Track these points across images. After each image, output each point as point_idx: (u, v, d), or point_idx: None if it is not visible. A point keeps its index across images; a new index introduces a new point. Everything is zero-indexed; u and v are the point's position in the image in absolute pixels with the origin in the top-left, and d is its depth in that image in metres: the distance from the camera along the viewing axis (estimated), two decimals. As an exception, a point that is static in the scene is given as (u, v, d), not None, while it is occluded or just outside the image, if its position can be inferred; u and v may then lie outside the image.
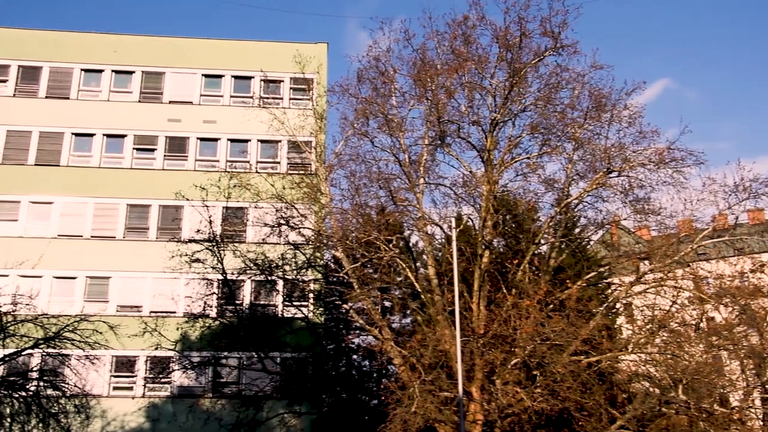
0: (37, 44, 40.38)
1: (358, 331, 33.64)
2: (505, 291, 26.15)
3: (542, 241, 28.11)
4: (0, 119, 38.44)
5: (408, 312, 32.97)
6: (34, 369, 26.63)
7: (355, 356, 35.25)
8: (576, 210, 29.02)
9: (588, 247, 31.22)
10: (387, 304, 33.25)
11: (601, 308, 26.37)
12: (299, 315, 31.08)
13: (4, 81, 39.56)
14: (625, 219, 28.44)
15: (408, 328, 33.26)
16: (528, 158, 28.53)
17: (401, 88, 29.93)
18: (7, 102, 39.11)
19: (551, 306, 25.26)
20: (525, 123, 28.61)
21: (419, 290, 27.35)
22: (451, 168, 39.58)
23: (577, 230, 30.04)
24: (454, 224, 25.39)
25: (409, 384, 24.41)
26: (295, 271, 29.09)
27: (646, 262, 28.38)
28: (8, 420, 22.93)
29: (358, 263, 27.45)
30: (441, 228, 28.61)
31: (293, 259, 28.91)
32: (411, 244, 30.63)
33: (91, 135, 38.82)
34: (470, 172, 28.50)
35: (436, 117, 27.87)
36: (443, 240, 29.32)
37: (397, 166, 28.97)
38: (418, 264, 29.74)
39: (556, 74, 27.97)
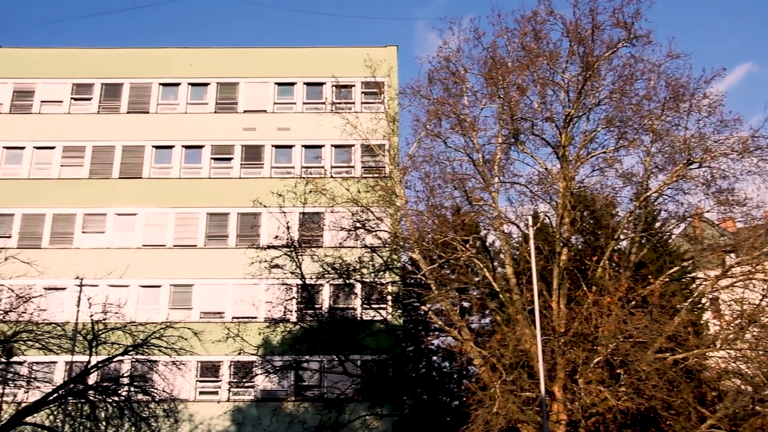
0: (118, 62, 41.79)
1: (437, 333, 33.62)
2: (585, 288, 25.73)
3: (622, 237, 27.57)
4: (86, 136, 39.95)
5: (487, 312, 32.78)
6: (125, 375, 27.55)
7: (434, 357, 35.23)
8: (656, 203, 28.36)
9: (670, 241, 30.43)
10: (465, 304, 33.13)
11: (686, 304, 25.67)
12: (378, 317, 31.25)
13: (89, 99, 41.07)
14: (708, 211, 27.66)
15: (487, 328, 33.08)
16: (604, 153, 28.05)
17: (473, 87, 29.81)
18: (92, 119, 40.61)
19: (633, 303, 24.73)
20: (600, 117, 28.15)
21: (497, 290, 27.16)
22: (526, 166, 39.35)
23: (657, 224, 29.32)
24: (530, 222, 25.14)
25: (490, 384, 24.26)
26: (372, 274, 29.25)
27: (733, 255, 27.49)
28: (103, 423, 23.77)
29: (435, 264, 27.43)
30: (518, 226, 28.37)
31: (370, 262, 29.09)
32: (488, 244, 30.46)
33: (171, 147, 39.94)
34: (545, 169, 28.19)
35: (508, 115, 27.64)
36: (520, 238, 29.05)
37: (471, 165, 28.85)
38: (495, 263, 29.56)
39: (630, 66, 27.44)
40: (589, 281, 26.16)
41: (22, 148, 40.00)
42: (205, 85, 41.34)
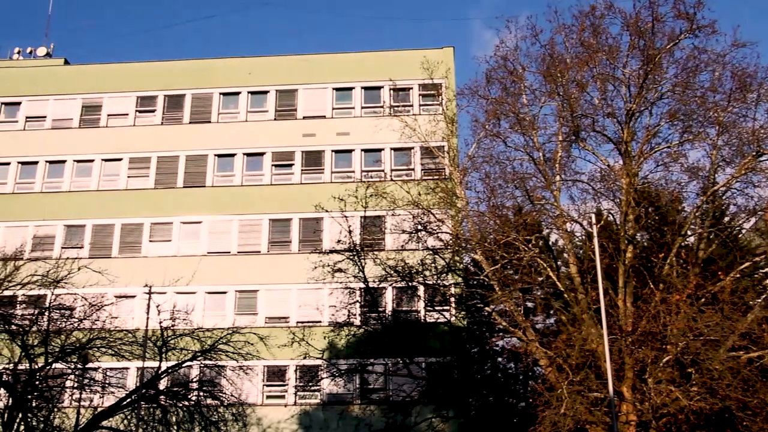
0: (180, 74, 42.72)
1: (501, 334, 33.38)
2: (652, 286, 25.23)
3: (689, 233, 26.95)
4: (150, 147, 40.94)
5: (551, 312, 32.40)
6: (194, 380, 28.08)
7: (499, 359, 34.99)
8: (724, 198, 27.66)
9: (740, 236, 29.61)
10: (529, 304, 32.82)
11: (759, 300, 24.91)
12: (441, 320, 31.16)
13: (153, 111, 42.09)
14: (780, 204, 26.82)
15: (552, 329, 32.71)
16: (668, 147, 27.47)
17: (531, 85, 29.55)
18: (156, 130, 41.60)
19: (703, 300, 24.15)
20: (663, 111, 27.57)
21: (562, 289, 26.82)
22: (588, 163, 38.81)
23: (726, 219, 28.59)
24: (594, 220, 24.77)
25: (556, 385, 23.98)
26: (435, 276, 29.20)
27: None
28: (174, 427, 24.28)
29: (497, 265, 27.26)
30: (581, 225, 27.98)
31: (433, 264, 29.04)
32: (551, 243, 30.12)
33: (232, 155, 40.61)
34: (608, 165, 27.75)
35: (568, 112, 27.32)
36: (584, 237, 28.65)
37: (531, 164, 28.57)
38: (559, 263, 29.20)
39: (693, 57, 26.80)
40: (656, 279, 25.63)
41: (91, 161, 41.21)
42: (265, 92, 41.93)
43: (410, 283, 29.80)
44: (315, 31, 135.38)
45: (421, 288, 31.14)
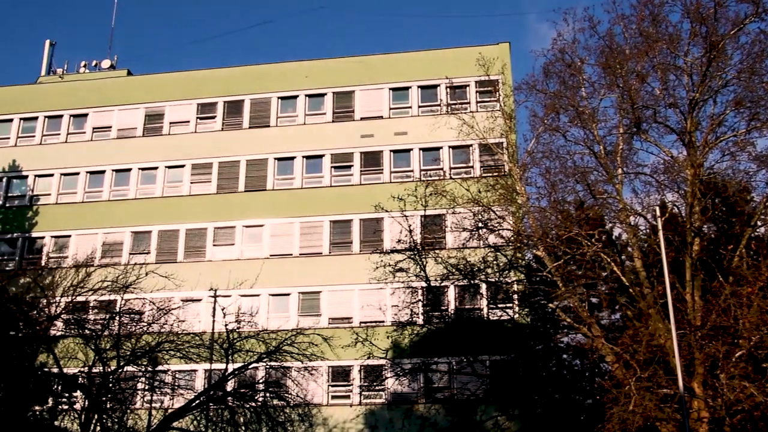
0: (238, 80, 43.40)
1: (566, 330, 32.94)
2: (721, 279, 24.60)
3: (759, 223, 26.19)
4: (212, 153, 41.68)
5: (617, 307, 31.85)
6: (260, 381, 28.43)
7: (564, 355, 34.51)
8: (796, 186, 26.81)
9: (814, 224, 28.63)
10: (594, 300, 32.32)
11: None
12: (505, 317, 30.96)
13: (213, 117, 42.84)
14: None
15: (618, 324, 32.16)
16: (735, 136, 26.74)
17: (590, 78, 29.13)
18: (217, 136, 42.32)
19: (776, 292, 23.43)
20: (728, 99, 26.84)
21: (627, 284, 26.36)
22: (650, 155, 37.89)
23: (799, 207, 27.66)
24: (658, 213, 24.27)
25: (624, 382, 23.55)
26: (497, 274, 29.00)
27: None
28: (242, 428, 24.62)
29: (560, 261, 26.93)
30: (645, 218, 27.45)
31: (494, 262, 28.85)
32: (614, 237, 29.61)
33: (292, 158, 41.05)
34: (671, 157, 27.17)
35: (629, 104, 26.83)
36: (648, 230, 28.10)
37: (592, 158, 28.17)
38: (623, 257, 28.70)
39: (759, 42, 26.01)
40: (725, 271, 24.98)
41: (155, 168, 42.17)
42: (322, 95, 42.28)
43: (472, 281, 29.64)
44: (370, 33, 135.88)
45: (484, 286, 30.95)
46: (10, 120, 45.04)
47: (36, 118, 44.77)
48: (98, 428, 23.66)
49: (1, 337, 24.72)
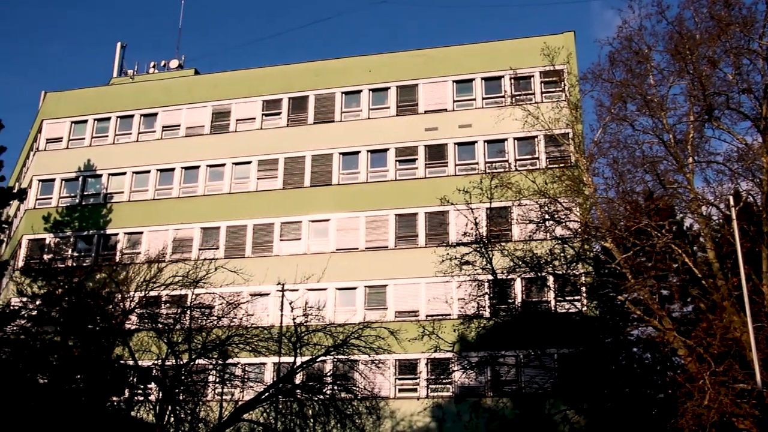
0: (302, 76, 43.81)
1: (636, 323, 32.35)
2: (799, 270, 23.80)
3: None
4: (277, 149, 42.22)
5: (689, 299, 31.13)
6: (328, 374, 28.69)
7: (635, 349, 33.89)
8: None
9: None
10: (665, 292, 31.65)
11: None
12: (573, 309, 30.54)
13: (278, 113, 43.37)
14: None
15: (690, 317, 31.43)
16: (814, 121, 25.78)
17: (658, 65, 28.48)
18: (282, 132, 42.84)
19: None
20: (807, 82, 25.88)
21: (699, 276, 25.71)
22: (723, 142, 36.91)
23: None
24: (732, 202, 23.61)
25: (697, 376, 23.00)
26: (564, 266, 28.62)
27: None
28: (311, 420, 24.89)
29: (629, 252, 26.42)
30: (717, 208, 26.75)
31: (562, 254, 28.47)
32: (685, 228, 28.95)
33: (356, 153, 41.27)
34: (745, 144, 26.37)
35: (700, 90, 26.13)
36: (721, 220, 27.35)
37: (661, 147, 27.55)
38: (695, 248, 28.01)
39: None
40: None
41: (223, 165, 42.94)
42: (386, 89, 42.36)
43: (539, 274, 29.31)
44: (432, 26, 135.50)
45: (551, 278, 30.58)
46: (85, 121, 46.47)
47: (109, 119, 46.08)
48: (172, 419, 24.23)
49: (80, 331, 25.56)
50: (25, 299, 29.07)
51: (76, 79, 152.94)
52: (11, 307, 30.93)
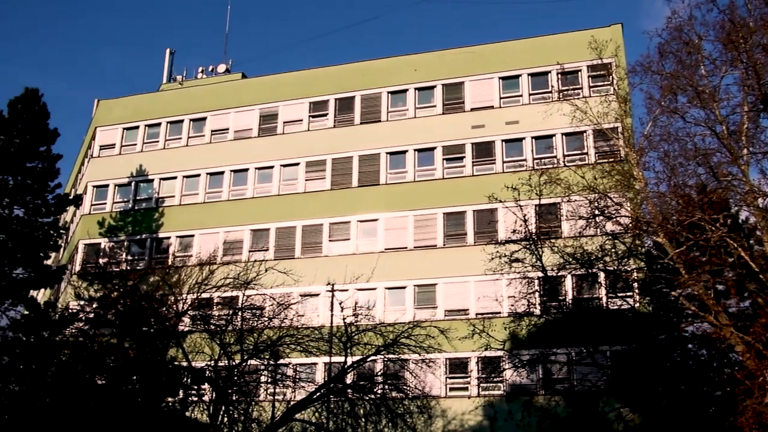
0: (348, 77, 44.00)
1: (690, 319, 31.70)
2: None
3: None
4: (325, 150, 42.48)
5: (745, 294, 30.37)
6: (379, 374, 28.75)
7: (690, 345, 33.24)
8: None
9: None
10: (720, 287, 30.92)
11: None
12: (625, 306, 30.09)
13: (325, 114, 43.63)
14: None
15: (748, 312, 30.65)
16: None
17: (710, 55, 27.78)
18: (329, 133, 43.08)
19: None
20: None
21: (756, 270, 25.05)
22: (780, 133, 35.92)
23: None
24: (790, 194, 22.96)
25: (757, 373, 22.42)
26: (616, 262, 28.19)
27: None
28: (362, 420, 24.98)
29: (682, 247, 25.88)
30: (774, 200, 25.99)
31: (613, 250, 28.05)
32: (741, 221, 28.25)
33: (404, 152, 41.29)
34: (803, 133, 25.62)
35: (754, 80, 25.45)
36: (779, 212, 26.60)
37: (714, 139, 26.86)
38: (751, 241, 27.31)
39: None
40: None
41: (271, 167, 43.37)
42: (432, 88, 42.31)
43: (590, 270, 28.93)
44: (477, 23, 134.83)
45: (602, 274, 30.16)
46: (137, 127, 47.38)
47: (159, 124, 46.90)
48: (225, 419, 24.56)
49: (135, 333, 26.07)
50: (82, 302, 29.76)
51: (127, 86, 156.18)
52: (70, 311, 31.72)
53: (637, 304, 30.04)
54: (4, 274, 35.23)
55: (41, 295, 50.30)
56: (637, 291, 30.21)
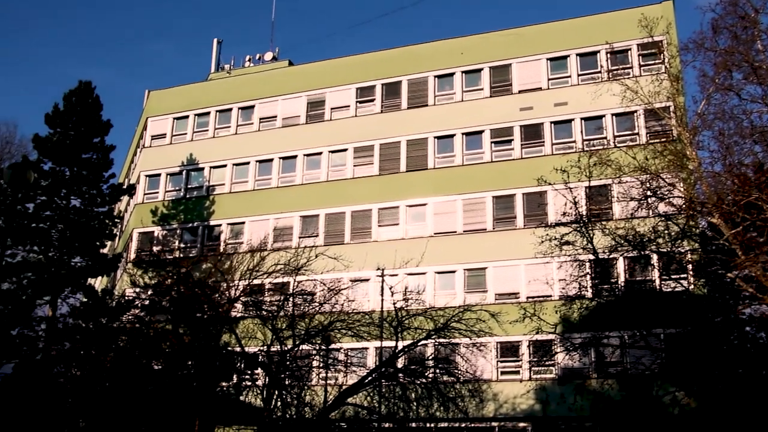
0: (394, 62, 43.89)
1: (748, 301, 31.05)
2: None
3: None
4: (372, 135, 42.50)
5: (807, 275, 29.59)
6: (430, 358, 28.80)
7: (747, 327, 32.56)
8: None
9: None
10: (779, 268, 30.19)
11: None
12: (679, 288, 29.58)
13: (372, 100, 43.63)
14: None
15: (809, 293, 29.87)
16: None
17: (767, 29, 27.04)
18: (376, 119, 43.09)
19: None
20: None
21: (816, 249, 24.42)
22: (841, 108, 34.70)
23: None
24: None
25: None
26: (669, 243, 27.71)
27: None
28: (414, 404, 25.09)
29: (739, 227, 25.33)
30: (835, 177, 25.22)
31: (666, 231, 27.58)
32: (800, 199, 27.46)
33: (451, 136, 41.11)
34: None
35: (814, 54, 24.73)
36: (840, 190, 25.82)
37: (771, 116, 26.20)
38: (812, 221, 26.56)
39: None
40: None
41: (319, 153, 43.58)
42: (479, 70, 41.99)
43: (643, 252, 28.50)
44: (523, 3, 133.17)
45: (655, 256, 29.69)
46: (186, 117, 48.03)
47: (208, 113, 47.46)
48: (278, 403, 24.88)
49: (189, 320, 26.55)
50: (138, 289, 30.41)
51: (176, 76, 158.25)
52: (126, 298, 32.46)
53: (692, 286, 29.51)
54: (63, 262, 36.24)
55: (98, 283, 51.52)
56: (691, 273, 29.67)
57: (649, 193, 27.52)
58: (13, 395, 31.29)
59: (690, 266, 29.46)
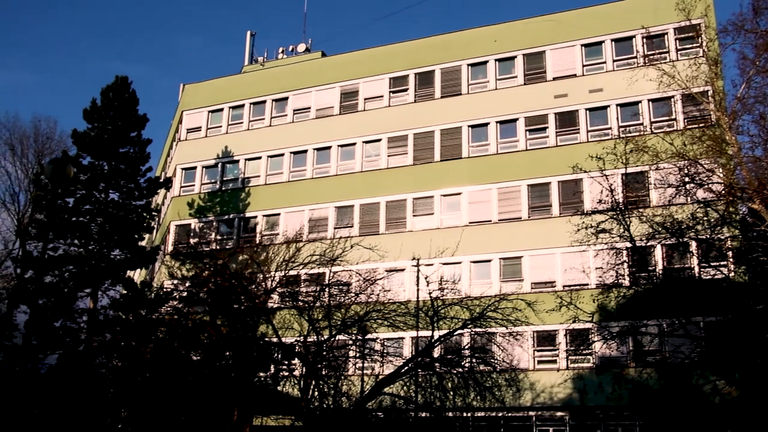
0: (427, 51, 43.74)
1: (790, 288, 30.51)
2: None
3: None
4: (406, 125, 42.44)
5: None
6: (466, 347, 28.75)
7: (791, 315, 32.01)
8: None
9: None
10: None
11: None
12: (719, 275, 29.13)
13: (405, 90, 43.54)
14: None
15: None
16: None
17: (813, 9, 26.45)
18: (410, 108, 43.01)
19: None
20: None
21: None
22: None
23: None
24: None
25: None
26: (708, 230, 27.29)
27: None
28: (450, 393, 25.09)
29: (781, 213, 24.89)
30: None
31: (705, 218, 27.16)
32: None
33: (485, 124, 40.89)
34: None
35: None
36: None
37: (816, 98, 25.65)
38: None
39: None
40: None
41: (353, 144, 43.65)
42: (512, 58, 41.68)
43: (681, 240, 28.08)
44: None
45: (694, 244, 29.27)
46: (221, 109, 48.38)
47: (242, 106, 47.76)
48: (316, 393, 25.04)
49: (226, 311, 26.80)
50: (176, 281, 30.78)
51: (210, 69, 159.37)
52: (164, 290, 32.87)
53: (732, 274, 29.03)
54: (103, 255, 36.81)
55: (137, 275, 52.28)
56: (731, 260, 29.18)
57: (687, 179, 27.10)
58: (58, 385, 31.96)
59: (730, 253, 28.99)
